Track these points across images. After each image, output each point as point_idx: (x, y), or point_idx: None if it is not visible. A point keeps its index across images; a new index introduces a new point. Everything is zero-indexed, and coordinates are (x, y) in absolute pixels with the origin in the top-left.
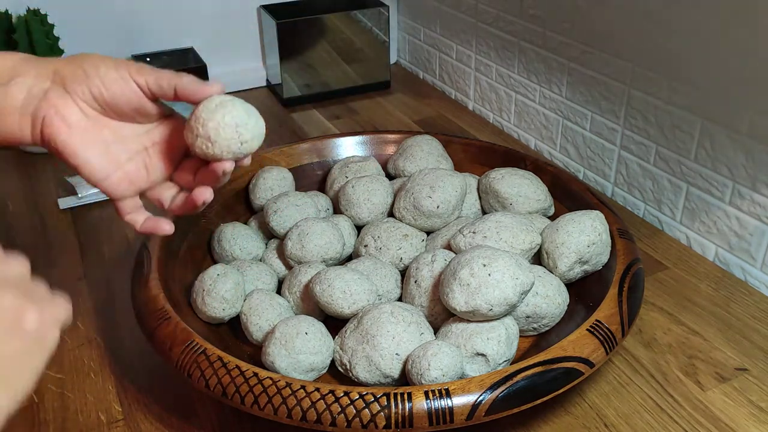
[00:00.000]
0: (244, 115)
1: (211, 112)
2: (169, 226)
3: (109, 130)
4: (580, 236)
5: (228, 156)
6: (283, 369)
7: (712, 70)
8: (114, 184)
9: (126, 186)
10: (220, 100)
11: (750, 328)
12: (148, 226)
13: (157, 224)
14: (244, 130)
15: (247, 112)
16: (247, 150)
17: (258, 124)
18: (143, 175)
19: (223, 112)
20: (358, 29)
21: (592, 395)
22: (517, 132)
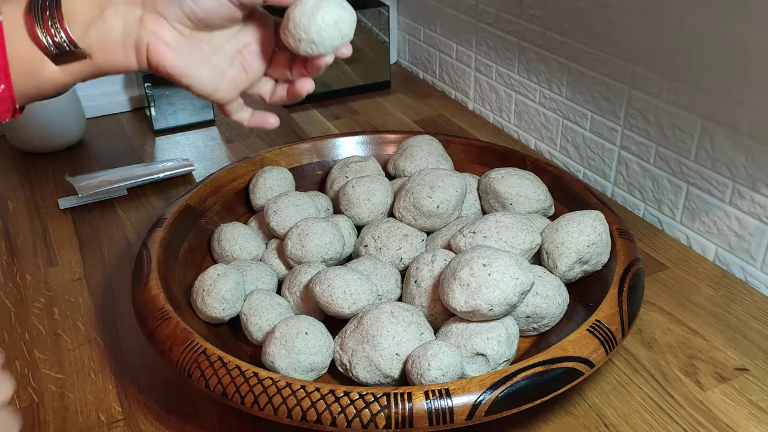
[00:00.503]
0: (339, 10)
1: (310, 17)
2: (275, 119)
3: (206, 43)
4: (580, 236)
5: (331, 51)
6: (283, 369)
7: (712, 70)
8: (224, 92)
9: (232, 90)
10: (314, 1)
11: (750, 328)
12: (256, 121)
13: (263, 118)
14: (342, 24)
15: (341, 5)
16: (347, 40)
17: (352, 13)
18: (243, 76)
19: (321, 14)
20: (358, 29)
21: (592, 395)
22: (517, 132)
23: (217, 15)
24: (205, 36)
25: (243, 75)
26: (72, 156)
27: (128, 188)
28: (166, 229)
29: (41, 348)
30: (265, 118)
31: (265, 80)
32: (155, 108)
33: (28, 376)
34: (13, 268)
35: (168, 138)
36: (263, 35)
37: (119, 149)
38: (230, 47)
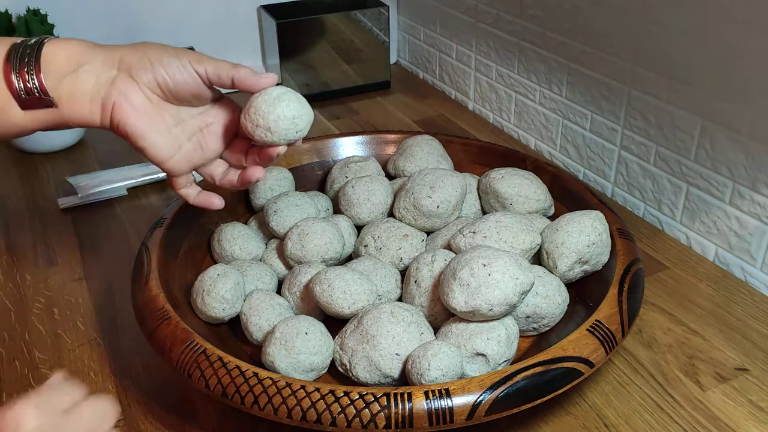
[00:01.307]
0: (299, 107)
1: (270, 105)
2: (220, 200)
3: (170, 114)
4: (580, 236)
5: (284, 142)
6: (283, 369)
7: (712, 70)
8: (175, 164)
9: (185, 164)
10: (277, 94)
11: (750, 328)
12: (201, 200)
13: (208, 199)
14: (299, 120)
15: (301, 103)
16: (300, 136)
17: (310, 113)
18: (199, 153)
19: (282, 106)
20: (358, 29)
21: (592, 395)
22: (517, 132)
23: (187, 89)
24: (171, 107)
25: (199, 152)
26: (72, 156)
27: (128, 188)
28: (166, 229)
29: (41, 348)
30: (210, 199)
31: (219, 162)
32: None
33: (28, 376)
34: (13, 268)
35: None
36: (226, 120)
37: (119, 149)
38: (192, 123)
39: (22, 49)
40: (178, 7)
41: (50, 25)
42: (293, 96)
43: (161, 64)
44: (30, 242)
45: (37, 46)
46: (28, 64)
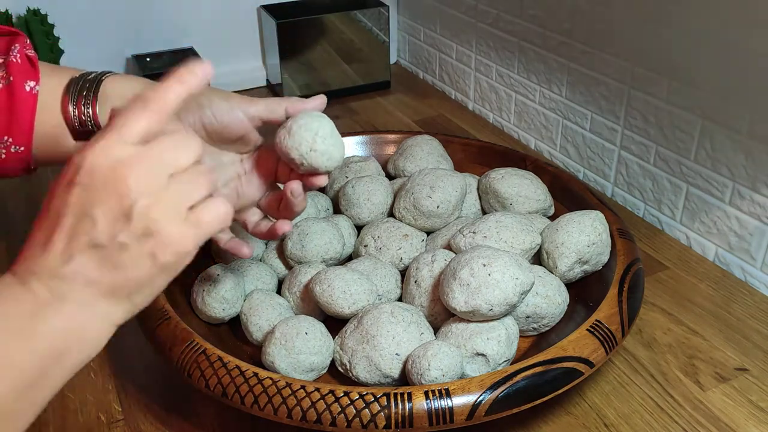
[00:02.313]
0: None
1: (305, 116)
2: (249, 250)
3: (210, 158)
4: (580, 236)
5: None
6: (283, 369)
7: (712, 70)
8: None
9: None
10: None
11: (750, 328)
12: (231, 246)
13: (238, 246)
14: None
15: (332, 132)
16: (315, 161)
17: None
18: (234, 199)
19: (313, 119)
20: (358, 29)
21: (592, 395)
22: (517, 132)
23: (233, 131)
24: (213, 150)
25: (235, 198)
26: None
27: None
28: None
29: None
30: (239, 246)
31: (255, 211)
32: None
33: None
34: None
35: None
36: (265, 169)
37: None
38: (232, 169)
39: (81, 83)
40: (178, 7)
41: (50, 25)
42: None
43: (209, 106)
44: None
45: (96, 81)
46: (86, 98)
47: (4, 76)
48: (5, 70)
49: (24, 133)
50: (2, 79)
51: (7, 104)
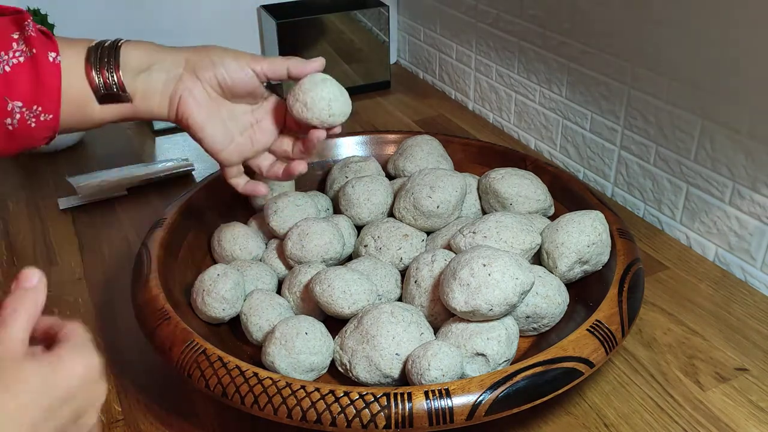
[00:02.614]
0: (337, 93)
1: (312, 85)
2: (265, 188)
3: (226, 110)
4: (580, 236)
5: (318, 122)
6: (283, 369)
7: (712, 70)
8: (228, 155)
9: (236, 156)
10: (321, 78)
11: (750, 328)
12: (249, 188)
13: (255, 187)
14: (334, 103)
15: (340, 90)
16: (334, 121)
17: (346, 102)
18: (249, 146)
19: (321, 87)
20: (358, 29)
21: (592, 395)
22: (517, 132)
23: (243, 87)
24: (227, 104)
25: (249, 146)
26: (72, 156)
27: (128, 188)
28: (166, 229)
29: None
30: (257, 187)
31: (266, 155)
32: None
33: None
34: (13, 268)
35: (168, 138)
36: (275, 117)
37: (119, 149)
38: (245, 119)
39: (101, 50)
40: (178, 7)
41: (50, 25)
42: (335, 84)
43: (222, 64)
44: (30, 242)
45: (114, 47)
46: (108, 63)
47: (26, 49)
48: (26, 44)
49: (52, 101)
50: (24, 52)
51: (33, 75)
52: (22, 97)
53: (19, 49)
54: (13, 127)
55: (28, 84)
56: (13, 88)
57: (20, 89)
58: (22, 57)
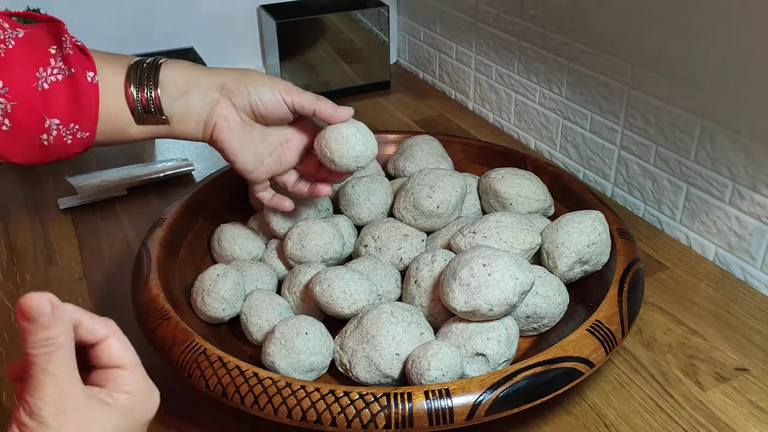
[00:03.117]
0: (363, 147)
1: (338, 144)
2: (290, 203)
3: (257, 132)
4: (580, 236)
5: (345, 171)
6: (283, 369)
7: (712, 70)
8: (259, 174)
9: (266, 174)
10: (346, 134)
11: (750, 328)
12: (275, 202)
13: (281, 202)
14: (361, 158)
15: (366, 143)
16: (362, 167)
17: (373, 150)
18: (277, 165)
19: (349, 142)
20: (358, 29)
21: (592, 395)
22: (517, 132)
23: (275, 114)
24: (259, 127)
25: (277, 164)
26: None
27: (128, 188)
28: (166, 229)
29: None
30: (282, 201)
31: (292, 172)
32: None
33: None
34: (13, 268)
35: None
36: (303, 138)
37: (119, 149)
38: (275, 139)
39: (140, 70)
40: (178, 7)
41: None
42: (360, 137)
43: (256, 92)
44: (30, 242)
45: (154, 66)
46: (147, 86)
47: (64, 67)
48: (64, 62)
49: (90, 119)
50: (62, 70)
51: (71, 94)
52: (59, 115)
53: (57, 66)
54: (49, 142)
55: (66, 103)
56: (51, 105)
57: (58, 107)
58: (60, 75)
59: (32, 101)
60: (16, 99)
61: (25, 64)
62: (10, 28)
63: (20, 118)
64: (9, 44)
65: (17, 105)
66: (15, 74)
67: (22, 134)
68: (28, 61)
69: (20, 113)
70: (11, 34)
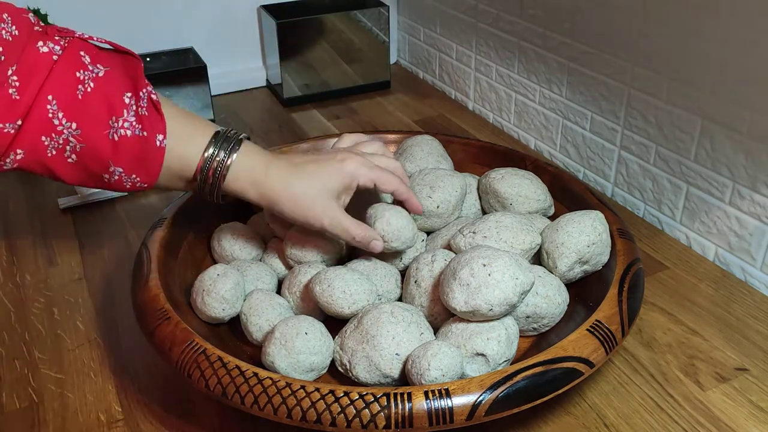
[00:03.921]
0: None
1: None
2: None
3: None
4: (580, 236)
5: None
6: (283, 369)
7: (712, 70)
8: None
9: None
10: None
11: (750, 328)
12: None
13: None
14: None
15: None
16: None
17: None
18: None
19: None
20: (358, 29)
21: (592, 395)
22: (517, 132)
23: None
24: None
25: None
26: None
27: None
28: (166, 229)
29: (41, 348)
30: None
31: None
32: None
33: (28, 376)
34: (13, 268)
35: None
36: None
37: None
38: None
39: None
40: (178, 7)
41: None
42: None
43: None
44: (30, 242)
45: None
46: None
47: (137, 126)
48: (137, 119)
49: (151, 176)
50: (134, 127)
51: (139, 153)
52: (124, 165)
53: (129, 120)
54: (109, 182)
55: (133, 158)
56: (118, 156)
57: (124, 159)
58: (130, 131)
59: (101, 148)
60: (86, 142)
61: (99, 110)
62: (91, 63)
63: (87, 157)
64: (88, 87)
65: (86, 147)
66: (89, 119)
67: (86, 169)
68: (103, 107)
69: (88, 155)
70: (92, 74)
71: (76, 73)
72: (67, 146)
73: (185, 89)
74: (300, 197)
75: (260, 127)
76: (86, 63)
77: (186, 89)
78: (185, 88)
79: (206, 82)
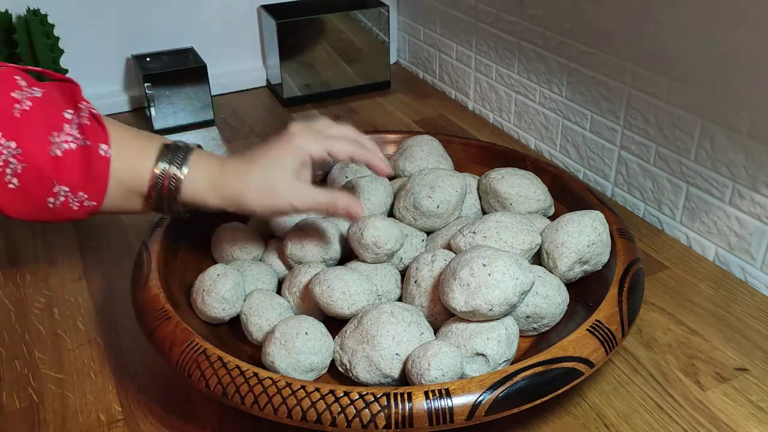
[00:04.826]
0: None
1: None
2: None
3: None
4: (580, 236)
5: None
6: (283, 369)
7: (712, 70)
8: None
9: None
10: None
11: (750, 328)
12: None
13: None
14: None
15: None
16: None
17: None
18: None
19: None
20: (358, 29)
21: (592, 395)
22: (517, 132)
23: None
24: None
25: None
26: None
27: None
28: (166, 229)
29: (41, 348)
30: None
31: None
32: (155, 108)
33: (28, 376)
34: (13, 268)
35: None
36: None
37: None
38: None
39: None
40: (178, 7)
41: (50, 25)
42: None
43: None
44: (30, 242)
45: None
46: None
47: (79, 137)
48: (80, 130)
49: (98, 191)
50: (77, 139)
51: (84, 166)
52: (69, 183)
53: (71, 133)
54: (55, 206)
55: (78, 173)
56: (62, 173)
57: (69, 176)
58: (75, 144)
59: (43, 166)
60: (28, 161)
61: (39, 127)
62: (28, 86)
63: (29, 179)
64: (25, 105)
65: (28, 167)
66: (29, 137)
67: (28, 195)
68: (43, 124)
69: (30, 176)
70: (28, 94)
71: (11, 94)
72: (8, 168)
73: (185, 89)
74: (261, 187)
75: (260, 127)
76: (22, 85)
77: (186, 89)
78: (185, 88)
79: (206, 82)
